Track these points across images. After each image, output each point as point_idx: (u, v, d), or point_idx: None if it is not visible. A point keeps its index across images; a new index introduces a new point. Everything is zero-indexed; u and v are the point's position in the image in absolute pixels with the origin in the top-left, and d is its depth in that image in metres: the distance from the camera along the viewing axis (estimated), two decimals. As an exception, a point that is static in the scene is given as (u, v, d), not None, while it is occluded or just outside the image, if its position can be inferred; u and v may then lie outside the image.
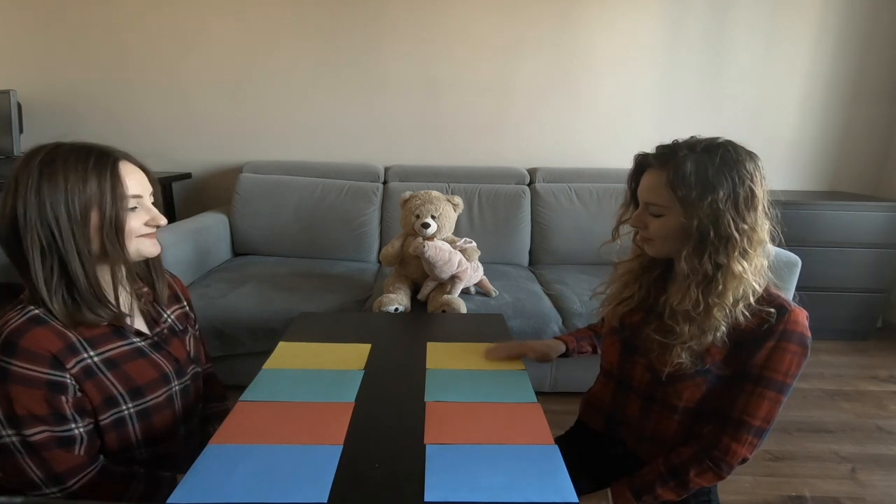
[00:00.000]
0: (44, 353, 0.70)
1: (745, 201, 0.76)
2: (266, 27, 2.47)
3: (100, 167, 0.73)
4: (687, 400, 0.84)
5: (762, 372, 0.78)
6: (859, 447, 1.72)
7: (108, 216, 0.73)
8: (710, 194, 0.75)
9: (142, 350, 0.83)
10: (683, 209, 0.77)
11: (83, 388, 0.74)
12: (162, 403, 0.84)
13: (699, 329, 0.79)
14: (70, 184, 0.71)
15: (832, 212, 2.33)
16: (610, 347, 0.98)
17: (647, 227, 0.84)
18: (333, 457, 0.72)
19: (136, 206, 0.78)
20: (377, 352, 1.08)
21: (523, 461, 0.72)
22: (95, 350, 0.76)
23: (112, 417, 0.77)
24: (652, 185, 0.82)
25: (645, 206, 0.84)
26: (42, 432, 0.70)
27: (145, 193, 0.80)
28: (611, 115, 2.60)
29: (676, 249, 0.82)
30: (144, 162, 0.83)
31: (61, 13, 2.43)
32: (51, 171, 0.71)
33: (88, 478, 0.74)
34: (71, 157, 0.73)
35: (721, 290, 0.77)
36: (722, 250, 0.77)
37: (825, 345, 2.46)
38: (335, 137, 2.62)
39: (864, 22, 2.48)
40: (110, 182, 0.74)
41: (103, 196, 0.73)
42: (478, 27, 2.48)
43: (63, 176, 0.71)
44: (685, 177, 0.76)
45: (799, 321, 0.78)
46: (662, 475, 0.84)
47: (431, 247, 1.63)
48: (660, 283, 0.94)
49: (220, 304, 1.80)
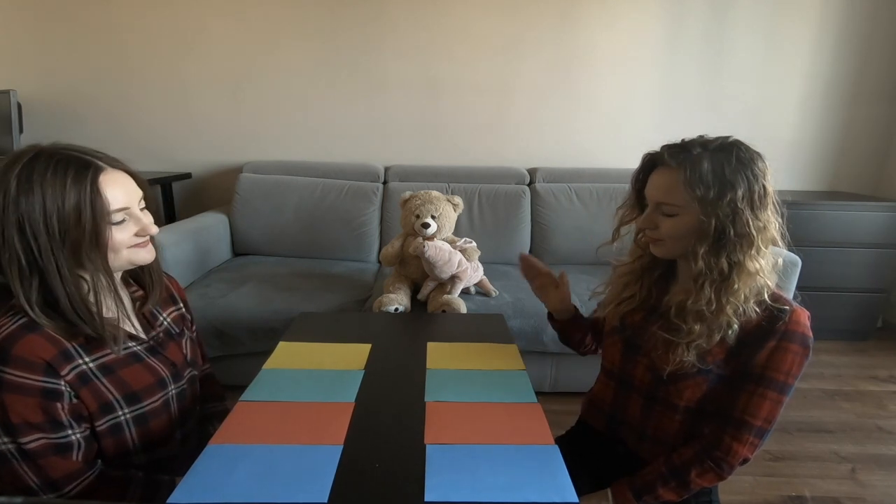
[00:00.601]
0: (37, 361, 0.69)
1: (760, 199, 0.77)
2: (266, 27, 2.47)
3: (79, 182, 0.69)
4: (688, 399, 0.84)
5: (764, 372, 0.78)
6: (859, 447, 1.72)
7: (89, 233, 0.70)
8: (729, 193, 0.75)
9: (137, 355, 0.82)
10: (701, 208, 0.77)
11: (79, 395, 0.73)
12: (158, 408, 0.83)
13: (708, 328, 0.79)
14: (48, 201, 0.67)
15: (832, 212, 2.33)
16: (611, 347, 0.97)
17: (658, 228, 0.83)
18: (333, 457, 0.72)
19: (124, 219, 0.75)
20: (377, 352, 1.08)
21: (523, 461, 0.72)
22: (90, 356, 0.75)
23: (108, 423, 0.76)
24: (665, 185, 0.81)
25: (656, 206, 0.83)
26: (38, 440, 0.69)
27: (133, 203, 0.76)
28: (611, 115, 2.60)
29: (686, 249, 0.81)
30: (138, 163, 0.80)
31: (61, 13, 2.43)
32: (28, 186, 0.67)
33: (86, 483, 0.74)
34: (48, 170, 0.68)
35: (736, 288, 0.77)
36: (739, 248, 0.77)
37: (825, 345, 2.46)
38: (335, 137, 2.62)
39: (864, 22, 2.48)
40: (90, 198, 0.69)
41: (83, 213, 0.69)
42: (478, 27, 2.48)
43: (41, 192, 0.67)
44: (703, 175, 0.76)
45: (801, 321, 0.78)
46: (663, 475, 0.84)
47: (431, 247, 1.63)
48: (661, 284, 0.94)
49: (220, 304, 1.80)
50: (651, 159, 0.85)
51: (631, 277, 0.96)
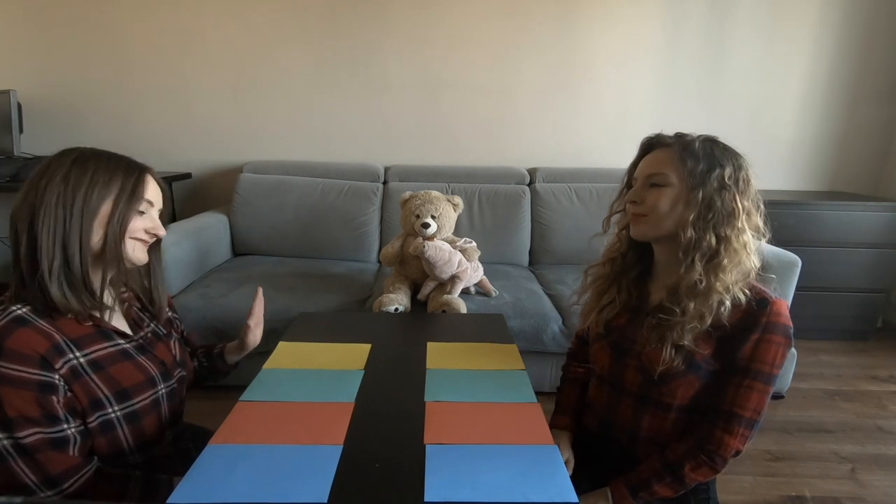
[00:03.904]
0: (32, 354, 0.69)
1: (745, 183, 0.81)
2: (266, 27, 2.47)
3: (130, 169, 0.80)
4: (681, 398, 0.84)
5: (750, 364, 0.79)
6: (859, 447, 1.72)
7: (119, 212, 0.77)
8: (717, 168, 0.80)
9: (127, 352, 0.83)
10: (691, 179, 0.80)
11: (72, 389, 0.74)
12: (148, 406, 0.83)
13: (700, 308, 0.80)
14: (97, 176, 0.76)
15: (832, 212, 2.33)
16: (600, 353, 0.97)
17: (645, 202, 0.84)
18: (333, 457, 0.72)
19: (145, 212, 0.82)
20: (377, 352, 1.08)
21: (523, 461, 0.72)
22: (81, 351, 0.75)
23: (99, 420, 0.76)
24: (659, 159, 0.84)
25: (646, 179, 0.85)
26: (34, 434, 0.69)
27: (158, 204, 0.85)
28: (611, 115, 2.60)
29: (667, 227, 0.83)
30: (155, 169, 0.88)
31: (61, 13, 2.43)
32: (83, 163, 0.76)
33: (84, 479, 0.74)
34: (104, 157, 0.79)
35: (724, 264, 0.79)
36: (725, 223, 0.79)
37: (825, 345, 2.46)
38: (335, 137, 2.62)
39: (864, 22, 2.48)
40: (134, 182, 0.79)
41: (122, 193, 0.78)
42: (478, 27, 2.48)
43: (94, 169, 0.76)
44: (694, 151, 0.81)
45: (782, 312, 0.79)
46: (658, 471, 0.85)
47: (431, 247, 1.63)
48: (639, 284, 0.94)
49: (220, 304, 1.80)
50: (648, 143, 0.89)
51: (605, 283, 0.96)
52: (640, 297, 0.93)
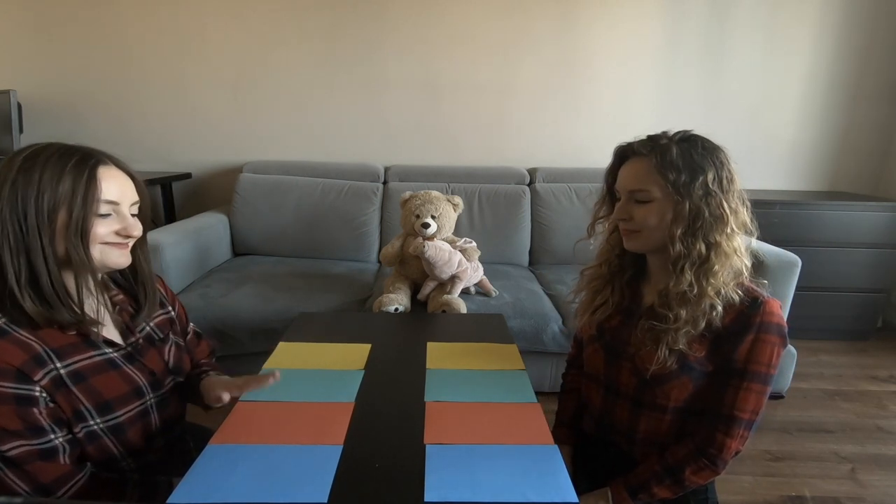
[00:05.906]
0: (6, 368, 0.66)
1: (728, 182, 0.80)
2: (266, 27, 2.47)
3: (78, 168, 0.71)
4: (676, 399, 0.84)
5: (746, 366, 0.79)
6: (859, 447, 1.72)
7: (75, 218, 0.70)
8: (700, 175, 0.78)
9: (113, 361, 0.78)
10: (675, 192, 0.78)
11: (55, 399, 0.71)
12: (134, 417, 0.79)
13: (692, 313, 0.79)
14: (44, 181, 0.69)
15: (832, 212, 2.33)
16: (594, 355, 0.97)
17: (633, 218, 0.84)
18: (333, 457, 0.72)
19: (110, 213, 0.75)
20: (377, 352, 1.08)
21: (523, 461, 0.72)
22: (62, 361, 0.72)
23: (83, 431, 0.74)
24: (638, 173, 0.83)
25: (629, 196, 0.84)
26: (19, 447, 0.67)
27: (124, 201, 0.76)
28: (611, 115, 2.60)
29: (660, 240, 0.82)
30: (138, 164, 0.81)
31: (62, 13, 2.43)
32: (29, 166, 0.70)
33: (79, 486, 0.72)
34: (53, 156, 0.71)
35: (715, 269, 0.78)
36: (714, 229, 0.79)
37: (825, 345, 2.46)
38: (335, 137, 2.62)
39: (864, 22, 2.48)
40: (84, 184, 0.71)
41: (74, 197, 0.70)
42: (478, 27, 2.48)
43: (40, 173, 0.69)
44: (673, 161, 0.78)
45: (775, 311, 0.79)
46: (658, 474, 0.84)
47: (431, 247, 1.63)
48: (633, 286, 0.94)
49: (220, 304, 1.80)
50: (621, 152, 0.88)
51: (600, 283, 0.96)
52: (634, 298, 0.93)
